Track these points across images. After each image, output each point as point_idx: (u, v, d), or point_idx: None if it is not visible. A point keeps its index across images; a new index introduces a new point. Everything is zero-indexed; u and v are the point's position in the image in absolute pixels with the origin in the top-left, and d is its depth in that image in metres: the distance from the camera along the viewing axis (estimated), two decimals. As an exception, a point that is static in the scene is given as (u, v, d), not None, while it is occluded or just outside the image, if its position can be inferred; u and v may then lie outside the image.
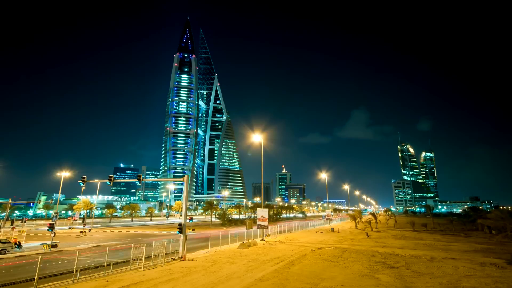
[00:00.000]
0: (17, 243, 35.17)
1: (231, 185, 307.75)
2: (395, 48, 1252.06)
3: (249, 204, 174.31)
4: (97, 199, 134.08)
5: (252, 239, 38.33)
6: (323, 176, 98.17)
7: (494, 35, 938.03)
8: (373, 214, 79.92)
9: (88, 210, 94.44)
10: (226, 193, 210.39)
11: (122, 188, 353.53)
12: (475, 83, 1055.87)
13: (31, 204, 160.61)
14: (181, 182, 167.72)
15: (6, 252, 31.65)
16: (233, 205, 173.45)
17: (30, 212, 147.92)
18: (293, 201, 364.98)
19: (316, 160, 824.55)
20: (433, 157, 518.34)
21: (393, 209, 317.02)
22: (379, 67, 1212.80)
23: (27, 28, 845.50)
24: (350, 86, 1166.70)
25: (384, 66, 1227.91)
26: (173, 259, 25.49)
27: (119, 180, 47.32)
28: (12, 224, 57.65)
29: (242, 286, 16.97)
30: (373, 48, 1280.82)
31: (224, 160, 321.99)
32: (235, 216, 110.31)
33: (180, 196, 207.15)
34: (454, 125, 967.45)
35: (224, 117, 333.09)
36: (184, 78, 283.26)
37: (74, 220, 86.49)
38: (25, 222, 63.58)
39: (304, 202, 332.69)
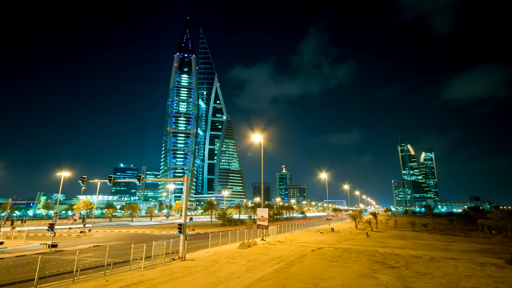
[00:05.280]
0: None
1: (231, 185, 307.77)
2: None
3: (249, 204, 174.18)
4: (97, 199, 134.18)
5: (252, 239, 38.29)
6: (323, 176, 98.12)
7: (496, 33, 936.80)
8: (373, 214, 79.86)
9: (88, 210, 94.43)
10: (226, 193, 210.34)
11: (122, 188, 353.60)
12: (475, 82, 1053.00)
13: (31, 204, 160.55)
14: (181, 182, 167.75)
15: None
16: (233, 205, 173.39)
17: (30, 212, 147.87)
18: (293, 201, 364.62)
19: (316, 160, 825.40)
20: (433, 157, 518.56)
21: (393, 209, 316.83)
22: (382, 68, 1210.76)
23: (28, 28, 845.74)
24: (349, 87, 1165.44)
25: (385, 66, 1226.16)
26: (173, 259, 25.46)
27: (119, 180, 47.26)
28: (12, 224, 57.53)
29: (242, 286, 16.96)
30: (373, 48, 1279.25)
31: (224, 160, 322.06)
32: (235, 216, 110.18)
33: (180, 196, 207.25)
34: (454, 124, 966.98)
35: (224, 117, 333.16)
36: (184, 78, 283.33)
37: (74, 220, 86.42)
38: (25, 222, 63.53)
39: (304, 202, 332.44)
